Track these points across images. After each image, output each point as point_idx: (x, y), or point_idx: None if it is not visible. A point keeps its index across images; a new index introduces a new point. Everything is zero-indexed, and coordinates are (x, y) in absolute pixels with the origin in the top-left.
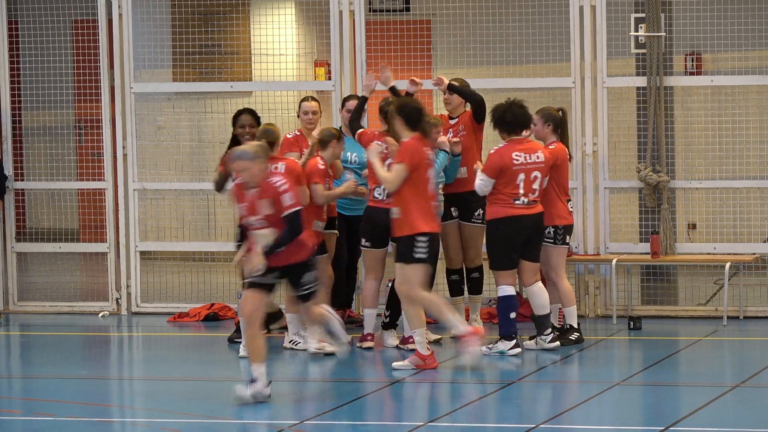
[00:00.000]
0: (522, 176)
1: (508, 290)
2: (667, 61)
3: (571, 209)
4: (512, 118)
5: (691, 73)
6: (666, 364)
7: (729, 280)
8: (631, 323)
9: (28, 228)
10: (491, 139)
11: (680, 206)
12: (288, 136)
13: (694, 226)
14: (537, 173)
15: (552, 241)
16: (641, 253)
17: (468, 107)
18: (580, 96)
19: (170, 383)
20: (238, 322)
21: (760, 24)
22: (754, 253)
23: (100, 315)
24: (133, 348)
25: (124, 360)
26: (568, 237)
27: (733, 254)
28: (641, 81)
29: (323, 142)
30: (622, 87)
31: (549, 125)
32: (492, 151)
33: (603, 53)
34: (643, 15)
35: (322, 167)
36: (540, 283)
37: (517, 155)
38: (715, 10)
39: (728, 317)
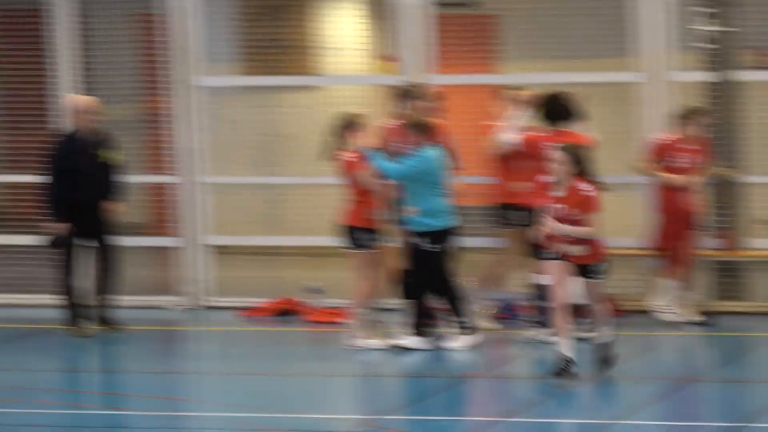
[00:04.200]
0: None
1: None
2: (733, 56)
3: None
4: (556, 110)
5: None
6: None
7: None
8: (703, 320)
9: None
10: None
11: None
12: None
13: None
14: None
15: None
16: (710, 249)
17: None
18: (646, 91)
19: (246, 378)
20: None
21: None
22: None
23: (173, 309)
24: (208, 342)
25: (199, 355)
26: None
27: None
28: (706, 76)
29: (345, 131)
30: (687, 82)
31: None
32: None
33: (668, 48)
34: (710, 10)
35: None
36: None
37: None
38: None
39: None
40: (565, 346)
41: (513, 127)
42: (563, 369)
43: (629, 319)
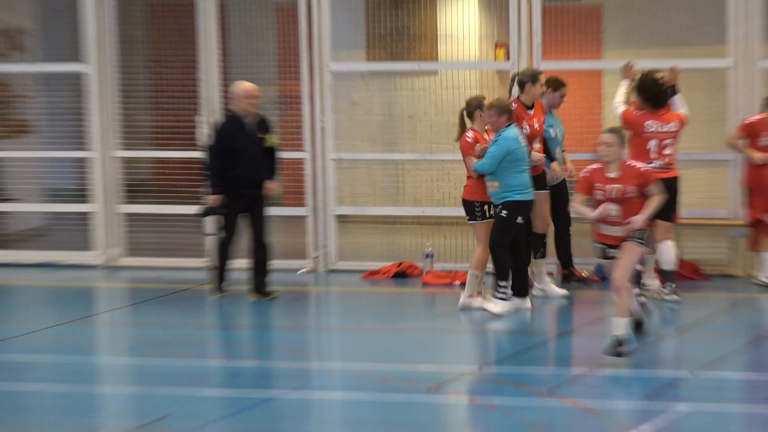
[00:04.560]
0: (654, 142)
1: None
2: None
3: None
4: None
5: None
6: None
7: None
8: None
9: None
10: None
11: None
12: None
13: None
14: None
15: None
16: None
17: None
18: (735, 76)
19: (364, 333)
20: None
21: None
22: None
23: (299, 272)
24: (330, 302)
25: (322, 312)
26: None
27: None
28: None
29: (469, 113)
30: None
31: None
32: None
33: (758, 37)
34: None
35: (470, 140)
36: (670, 242)
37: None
38: None
39: None
40: (620, 325)
41: (621, 102)
42: (618, 347)
43: (716, 282)
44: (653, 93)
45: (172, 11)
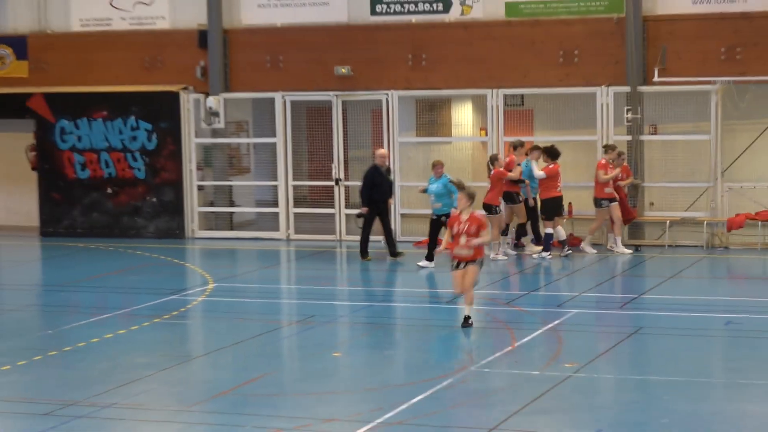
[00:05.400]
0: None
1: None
2: None
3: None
4: None
5: None
6: None
7: None
8: None
9: None
10: None
11: None
12: None
13: None
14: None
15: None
16: None
17: None
18: None
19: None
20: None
21: None
22: None
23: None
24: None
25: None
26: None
27: None
28: None
29: (492, 161)
30: None
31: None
32: None
33: None
34: None
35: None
36: (560, 226)
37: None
38: None
39: None
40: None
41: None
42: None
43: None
44: (551, 153)
45: (319, 110)
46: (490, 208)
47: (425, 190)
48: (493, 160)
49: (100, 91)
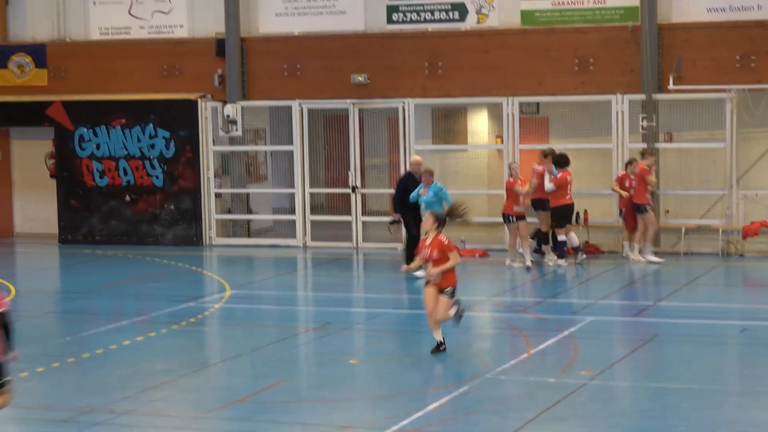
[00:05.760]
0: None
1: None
2: None
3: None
4: None
5: None
6: None
7: None
8: None
9: None
10: None
11: None
12: None
13: None
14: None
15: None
16: None
17: None
18: None
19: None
20: None
21: None
22: None
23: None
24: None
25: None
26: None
27: None
28: None
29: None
30: None
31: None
32: None
33: None
34: None
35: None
36: (572, 233)
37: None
38: None
39: None
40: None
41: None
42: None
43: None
44: (560, 161)
45: (335, 118)
46: (507, 218)
47: (410, 199)
48: (514, 168)
49: (118, 99)
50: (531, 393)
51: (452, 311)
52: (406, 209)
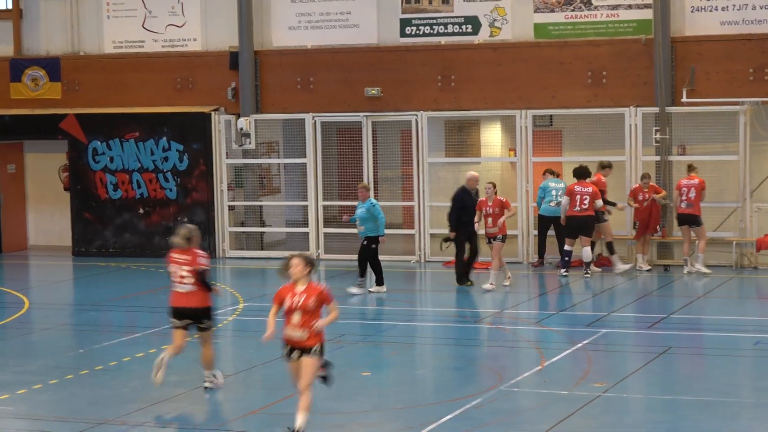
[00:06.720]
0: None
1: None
2: None
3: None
4: None
5: None
6: None
7: None
8: None
9: None
10: None
11: None
12: None
13: None
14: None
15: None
16: None
17: None
18: None
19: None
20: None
21: None
22: None
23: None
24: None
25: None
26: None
27: None
28: None
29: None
30: None
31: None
32: None
33: None
34: None
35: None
36: (587, 246)
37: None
38: None
39: None
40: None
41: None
42: None
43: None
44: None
45: (349, 131)
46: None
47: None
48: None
49: (132, 112)
50: (544, 405)
51: (320, 372)
52: (461, 226)
